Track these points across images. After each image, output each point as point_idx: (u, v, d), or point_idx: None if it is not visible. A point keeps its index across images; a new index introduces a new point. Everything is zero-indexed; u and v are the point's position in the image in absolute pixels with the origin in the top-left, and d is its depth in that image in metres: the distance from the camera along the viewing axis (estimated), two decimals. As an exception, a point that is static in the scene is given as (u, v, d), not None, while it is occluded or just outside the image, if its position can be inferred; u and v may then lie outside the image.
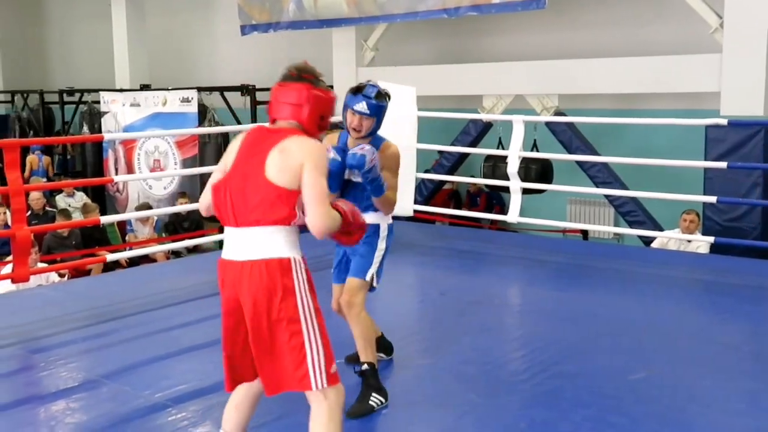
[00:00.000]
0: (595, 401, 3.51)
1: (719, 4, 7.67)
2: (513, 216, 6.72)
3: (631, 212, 8.70)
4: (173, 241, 9.21)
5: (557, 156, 8.32)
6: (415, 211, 7.41)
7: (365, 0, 9.79)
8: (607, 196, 8.81)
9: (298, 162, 2.53)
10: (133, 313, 5.02)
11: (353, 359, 3.74)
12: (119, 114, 12.07)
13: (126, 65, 13.89)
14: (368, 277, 3.58)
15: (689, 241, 7.04)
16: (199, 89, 11.49)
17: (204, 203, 2.81)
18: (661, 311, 4.96)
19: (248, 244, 2.56)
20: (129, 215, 9.26)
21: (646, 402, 3.49)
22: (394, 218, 7.56)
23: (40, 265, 6.40)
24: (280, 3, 10.74)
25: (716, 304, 5.17)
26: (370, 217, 3.41)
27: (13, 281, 5.14)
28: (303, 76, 2.71)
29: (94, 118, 12.94)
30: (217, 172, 2.72)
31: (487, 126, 9.52)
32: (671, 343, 4.32)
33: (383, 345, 3.98)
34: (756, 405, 3.47)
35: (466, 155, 9.80)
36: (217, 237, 7.06)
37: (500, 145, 9.82)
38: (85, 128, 13.09)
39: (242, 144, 2.67)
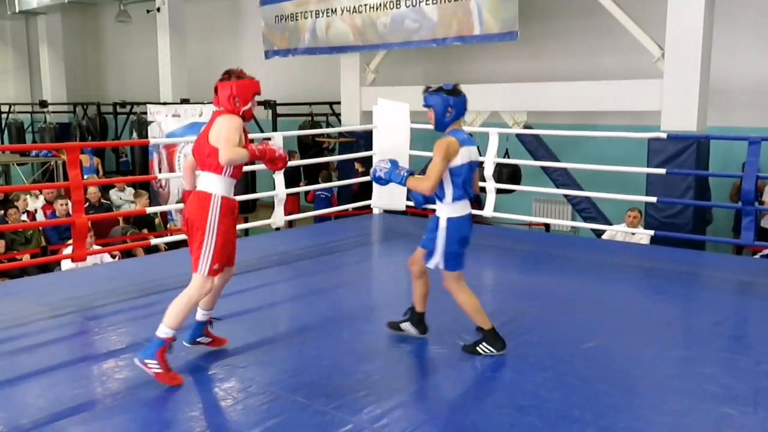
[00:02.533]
0: (554, 365, 3.50)
1: (661, 38, 7.64)
2: (488, 211, 6.71)
3: (586, 209, 8.69)
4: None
5: (525, 162, 8.28)
6: (407, 206, 7.39)
7: (368, 31, 9.75)
8: (566, 196, 8.80)
9: (218, 130, 3.24)
10: (173, 288, 4.96)
11: (393, 325, 3.86)
12: (163, 123, 12.01)
13: (169, 82, 13.87)
14: (431, 266, 3.51)
15: (633, 234, 7.03)
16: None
17: (187, 161, 3.56)
18: (610, 292, 4.96)
19: (199, 180, 3.37)
20: (170, 207, 9.20)
21: (595, 367, 3.48)
22: (391, 212, 7.59)
23: (95, 247, 6.38)
24: (297, 32, 10.69)
25: (655, 286, 5.16)
26: (437, 209, 3.50)
27: (73, 260, 5.13)
28: (223, 76, 3.37)
29: (142, 126, 12.88)
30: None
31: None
32: (617, 319, 4.30)
33: (421, 322, 3.83)
34: (686, 370, 3.47)
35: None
36: (244, 225, 7.05)
37: (478, 151, 9.80)
38: (134, 135, 13.05)
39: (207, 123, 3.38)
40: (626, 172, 7.34)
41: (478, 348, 3.53)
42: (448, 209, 3.44)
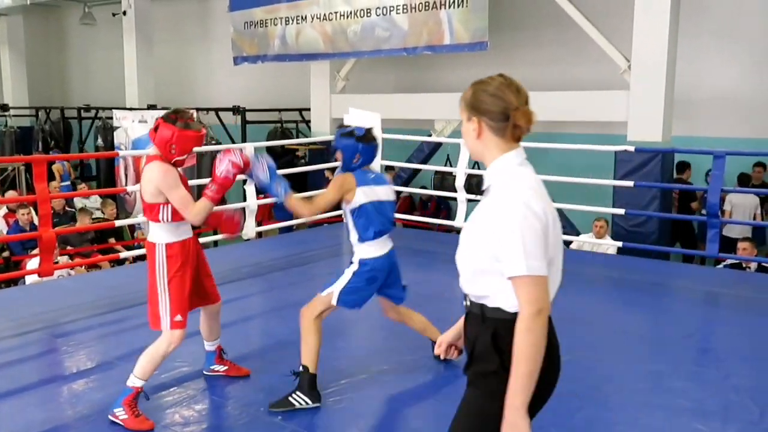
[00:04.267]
0: (528, 381, 3.52)
1: (628, 50, 7.78)
2: (459, 221, 6.76)
3: (554, 218, 8.79)
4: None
5: None
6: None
7: (339, 39, 9.73)
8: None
9: (154, 187, 3.04)
10: (143, 302, 4.92)
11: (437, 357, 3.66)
12: (129, 129, 11.85)
13: (135, 87, 13.65)
14: (325, 294, 3.32)
15: (600, 244, 7.14)
16: (198, 109, 11.32)
17: None
18: (580, 303, 4.99)
19: None
20: (140, 219, 9.03)
21: (569, 381, 3.47)
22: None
23: (61, 257, 6.25)
24: (267, 39, 10.62)
25: (624, 297, 5.24)
26: (355, 248, 3.36)
27: (40, 275, 5.02)
28: (170, 115, 3.10)
29: (107, 132, 12.68)
30: None
31: (438, 145, 9.54)
32: (589, 331, 4.35)
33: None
34: (658, 384, 3.53)
35: (420, 168, 9.82)
36: (213, 237, 6.98)
37: (448, 160, 9.87)
38: (99, 140, 12.82)
39: None
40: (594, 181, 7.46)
41: (291, 399, 3.21)
42: (360, 250, 3.34)
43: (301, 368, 3.24)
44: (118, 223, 6.46)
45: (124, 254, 6.21)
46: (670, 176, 7.93)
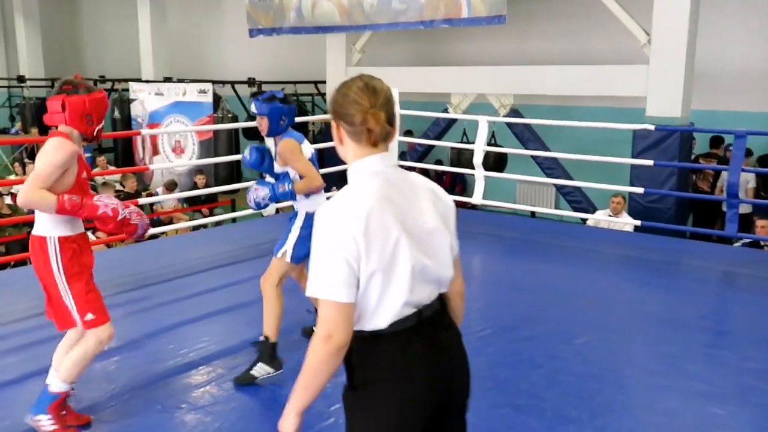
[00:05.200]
0: (547, 362, 3.60)
1: (648, 23, 7.69)
2: (477, 198, 6.79)
3: (571, 193, 8.80)
4: (193, 211, 9.18)
5: (513, 150, 8.25)
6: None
7: (355, 11, 9.67)
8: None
9: (39, 158, 2.72)
10: (166, 280, 5.03)
11: (307, 332, 3.78)
12: (146, 101, 11.90)
13: (150, 58, 13.66)
14: (279, 255, 3.39)
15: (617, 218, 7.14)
16: (213, 81, 11.35)
17: None
18: (597, 283, 5.07)
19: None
20: (161, 196, 9.13)
21: (588, 363, 3.60)
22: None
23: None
24: (282, 11, 10.57)
25: (640, 277, 5.27)
26: (296, 205, 3.48)
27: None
28: (65, 87, 2.80)
29: (124, 104, 12.74)
30: None
31: (454, 119, 9.52)
32: (606, 312, 4.41)
33: None
34: (673, 366, 3.58)
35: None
36: (231, 214, 7.04)
37: (464, 134, 9.86)
38: (116, 113, 12.88)
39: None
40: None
41: (253, 372, 3.27)
42: (306, 204, 3.43)
43: (261, 338, 3.32)
44: (141, 201, 6.53)
45: (151, 231, 6.28)
46: (689, 151, 7.89)
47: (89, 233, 7.04)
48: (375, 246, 1.63)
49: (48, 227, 2.75)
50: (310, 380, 1.69)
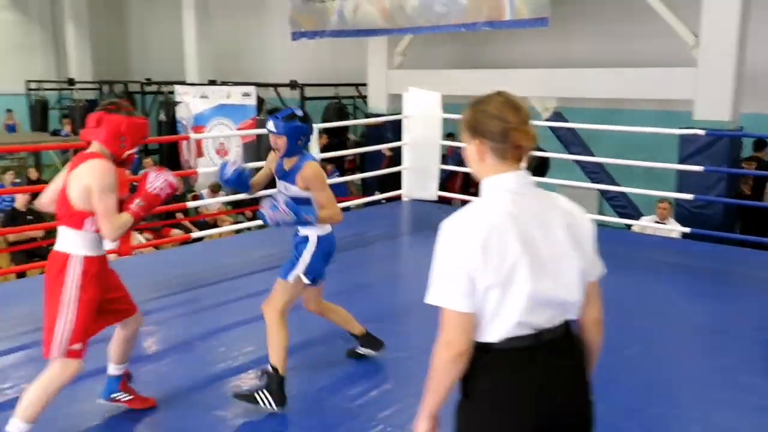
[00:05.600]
0: (598, 372, 3.51)
1: (696, 25, 7.53)
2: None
3: (615, 198, 8.67)
4: (237, 213, 9.29)
5: (556, 155, 8.15)
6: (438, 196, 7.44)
7: (397, 14, 9.68)
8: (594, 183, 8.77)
9: (85, 190, 2.63)
10: (213, 282, 5.08)
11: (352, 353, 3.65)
12: (191, 104, 12.10)
13: (194, 61, 13.86)
14: (291, 278, 3.21)
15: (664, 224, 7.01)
16: (257, 85, 11.47)
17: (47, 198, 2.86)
18: (646, 291, 4.97)
19: (58, 236, 2.75)
20: (209, 201, 9.20)
21: (639, 374, 3.53)
22: (422, 201, 7.58)
23: (137, 236, 6.46)
24: (325, 14, 10.63)
25: (690, 285, 5.15)
26: (303, 230, 3.27)
27: (119, 255, 5.22)
28: (109, 107, 2.77)
29: (170, 107, 12.96)
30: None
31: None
32: (656, 321, 4.32)
33: (370, 341, 3.65)
34: (728, 379, 3.49)
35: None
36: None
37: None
38: (162, 115, 13.12)
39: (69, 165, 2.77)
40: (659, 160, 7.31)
41: (257, 395, 3.08)
42: (317, 229, 3.25)
43: (269, 368, 3.10)
44: (190, 204, 6.64)
45: (196, 234, 6.39)
46: (738, 156, 7.70)
47: (137, 234, 7.20)
48: (492, 261, 1.63)
49: (74, 245, 2.69)
50: (436, 384, 1.74)
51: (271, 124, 3.19)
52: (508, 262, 1.64)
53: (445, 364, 1.69)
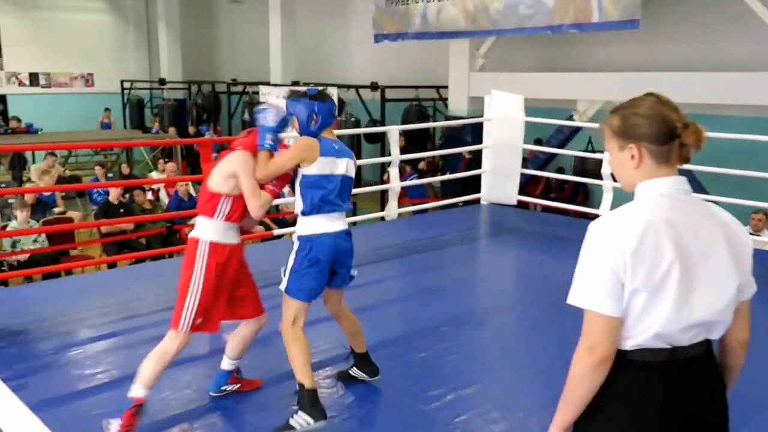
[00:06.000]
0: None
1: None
2: (604, 210, 6.52)
3: (704, 207, 8.29)
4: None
5: None
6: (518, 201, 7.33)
7: (480, 16, 9.60)
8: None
9: (223, 168, 2.96)
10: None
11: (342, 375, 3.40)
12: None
13: (279, 63, 14.15)
14: (281, 287, 3.01)
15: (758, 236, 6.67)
16: (338, 86, 11.61)
17: None
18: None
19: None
20: (289, 199, 9.33)
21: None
22: (500, 205, 7.47)
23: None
24: (408, 16, 10.67)
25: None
26: (345, 221, 3.07)
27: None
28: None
29: (253, 106, 13.28)
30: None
31: (578, 126, 9.24)
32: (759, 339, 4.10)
33: (367, 364, 3.36)
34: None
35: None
36: (352, 218, 7.15)
37: (590, 142, 9.55)
38: (246, 115, 13.48)
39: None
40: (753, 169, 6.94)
41: (292, 422, 2.85)
42: (300, 225, 3.02)
43: (297, 386, 2.93)
44: (276, 201, 6.76)
45: (278, 231, 6.52)
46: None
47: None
48: (643, 266, 1.55)
49: (205, 232, 2.92)
50: (571, 393, 1.65)
51: (283, 104, 3.07)
52: (660, 268, 1.54)
53: (585, 371, 1.60)
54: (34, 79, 17.79)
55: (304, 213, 2.99)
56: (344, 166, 3.03)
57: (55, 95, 17.81)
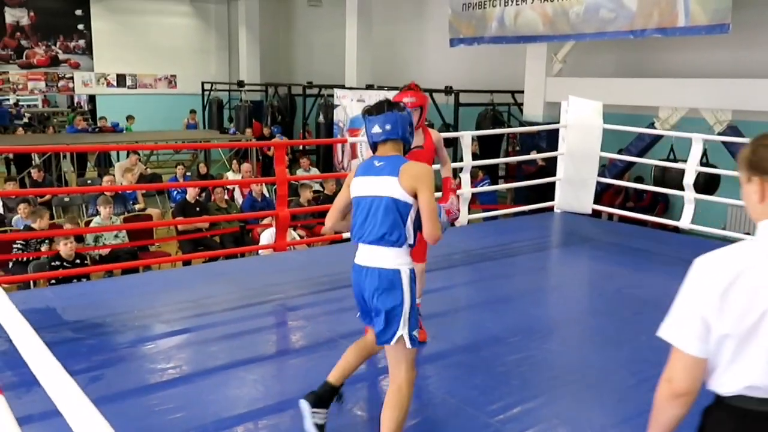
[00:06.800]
0: None
1: None
2: (685, 222, 6.28)
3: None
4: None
5: (729, 172, 7.46)
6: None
7: (559, 20, 9.39)
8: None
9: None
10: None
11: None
12: (348, 107, 12.48)
13: (354, 66, 14.20)
14: (394, 342, 2.58)
15: None
16: (412, 90, 11.59)
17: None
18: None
19: None
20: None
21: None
22: (574, 213, 7.29)
23: (293, 233, 6.75)
24: (484, 20, 10.55)
25: None
26: (386, 257, 2.58)
27: (275, 250, 5.47)
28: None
29: (329, 109, 13.45)
30: None
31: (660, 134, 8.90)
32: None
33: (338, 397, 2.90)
34: None
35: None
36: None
37: (672, 151, 9.19)
38: (321, 117, 13.64)
39: None
40: None
41: None
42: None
43: None
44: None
45: (346, 234, 6.55)
46: None
47: (292, 231, 7.51)
48: (733, 310, 1.50)
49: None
50: (654, 418, 1.66)
51: (376, 127, 2.71)
52: (753, 313, 1.48)
53: (661, 400, 1.60)
54: (121, 80, 18.59)
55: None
56: (376, 187, 2.62)
57: (140, 95, 18.56)
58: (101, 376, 3.49)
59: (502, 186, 9.73)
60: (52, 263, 6.09)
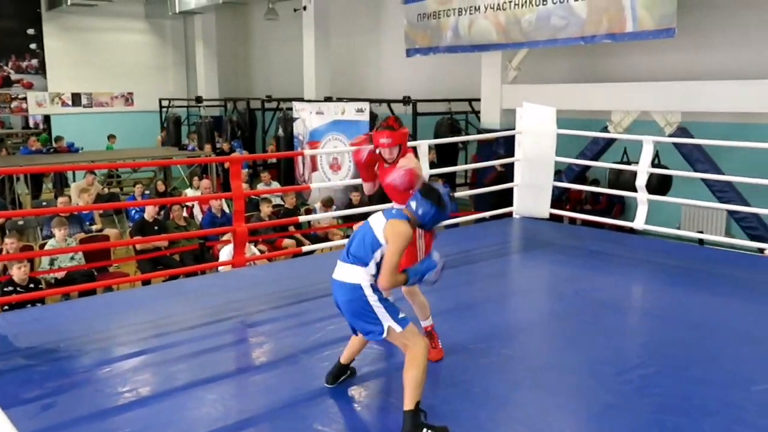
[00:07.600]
0: (721, 410, 3.26)
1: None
2: (639, 223, 6.39)
3: (745, 219, 8.06)
4: (348, 227, 9.43)
5: (681, 173, 7.61)
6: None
7: (512, 29, 9.53)
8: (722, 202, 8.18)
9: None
10: (323, 296, 5.12)
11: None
12: (307, 120, 12.45)
13: (312, 79, 14.18)
14: (385, 335, 3.06)
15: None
16: (370, 101, 11.64)
17: None
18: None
19: None
20: (321, 215, 9.33)
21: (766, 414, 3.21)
22: (533, 219, 7.35)
23: (252, 248, 6.67)
24: (439, 30, 10.65)
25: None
26: (349, 272, 3.11)
27: (233, 266, 5.40)
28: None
29: (288, 122, 13.41)
30: None
31: (613, 138, 9.07)
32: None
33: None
34: None
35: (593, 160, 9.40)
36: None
37: (625, 153, 9.37)
38: (280, 130, 13.58)
39: None
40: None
41: None
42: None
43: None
44: (302, 218, 6.80)
45: (307, 248, 6.52)
46: None
47: (252, 246, 7.44)
48: None
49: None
50: None
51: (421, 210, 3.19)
52: None
53: None
54: (76, 99, 18.26)
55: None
56: (371, 222, 3.18)
57: (96, 114, 18.24)
58: (54, 403, 3.39)
59: (461, 193, 9.79)
60: (5, 288, 5.92)
